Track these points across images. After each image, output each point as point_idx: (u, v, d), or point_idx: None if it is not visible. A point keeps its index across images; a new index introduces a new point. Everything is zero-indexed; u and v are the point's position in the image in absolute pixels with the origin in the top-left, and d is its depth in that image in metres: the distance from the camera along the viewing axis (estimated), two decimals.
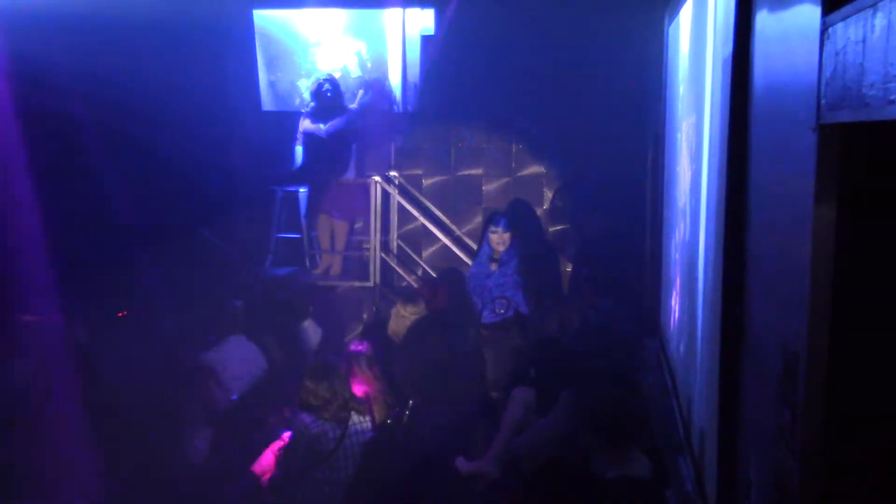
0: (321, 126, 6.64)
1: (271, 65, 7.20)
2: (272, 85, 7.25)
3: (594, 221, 6.63)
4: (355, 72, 7.20)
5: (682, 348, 3.98)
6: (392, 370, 4.78)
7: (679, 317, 4.12)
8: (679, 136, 4.43)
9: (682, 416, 3.80)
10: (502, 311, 5.17)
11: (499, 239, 5.25)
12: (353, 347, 5.00)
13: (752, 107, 2.61)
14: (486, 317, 5.21)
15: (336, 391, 4.28)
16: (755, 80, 2.59)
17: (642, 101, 6.33)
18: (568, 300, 5.93)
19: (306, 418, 4.27)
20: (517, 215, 6.14)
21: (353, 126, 6.72)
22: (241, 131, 7.15)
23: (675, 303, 4.36)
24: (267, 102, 7.21)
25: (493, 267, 5.27)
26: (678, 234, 4.33)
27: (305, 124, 6.76)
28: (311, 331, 5.95)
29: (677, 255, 4.38)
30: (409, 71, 7.00)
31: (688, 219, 3.90)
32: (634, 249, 6.24)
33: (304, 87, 7.15)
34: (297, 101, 7.23)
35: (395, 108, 7.15)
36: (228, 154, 7.04)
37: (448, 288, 5.61)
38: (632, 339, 5.22)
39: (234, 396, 5.04)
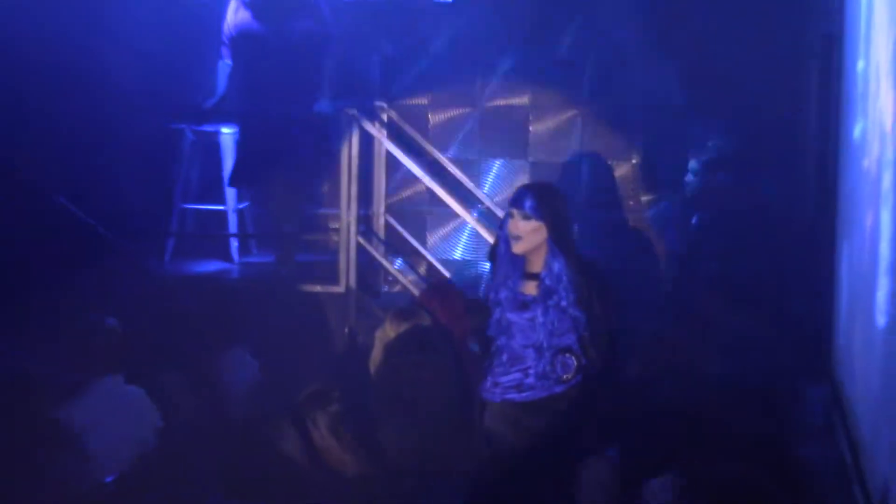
0: (270, 24, 6.73)
1: None
2: None
3: (717, 187, 6.69)
4: None
5: (875, 399, 3.97)
6: (378, 433, 4.82)
7: (880, 349, 4.04)
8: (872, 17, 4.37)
9: None
10: (569, 377, 4.95)
11: (514, 229, 4.96)
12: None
13: None
14: (537, 386, 4.96)
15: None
16: None
17: None
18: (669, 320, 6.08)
19: None
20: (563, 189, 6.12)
21: (328, 30, 6.83)
22: (122, 31, 7.17)
23: (864, 325, 4.40)
24: None
25: (530, 289, 5.01)
26: (872, 209, 4.17)
27: (240, 17, 6.86)
28: (241, 367, 6.05)
29: (874, 244, 4.20)
30: None
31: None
32: (789, 234, 6.24)
33: None
34: None
35: None
36: (102, 69, 7.01)
37: (469, 295, 5.71)
38: (783, 383, 5.26)
39: (109, 478, 5.05)
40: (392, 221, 7.22)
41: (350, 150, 6.72)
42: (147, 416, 5.38)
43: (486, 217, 7.12)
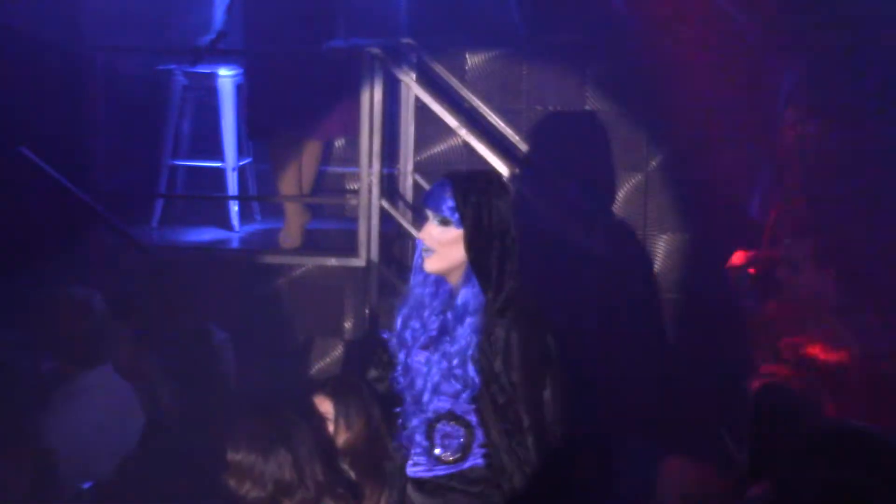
0: None
1: None
2: None
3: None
4: None
5: None
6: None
7: None
8: None
9: None
10: (450, 456, 4.29)
11: (425, 236, 4.32)
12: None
13: None
14: (420, 460, 4.39)
15: (302, 470, 4.28)
16: None
17: None
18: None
19: None
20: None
21: None
22: None
23: None
24: None
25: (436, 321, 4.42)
26: None
27: None
28: (241, 355, 6.09)
29: None
30: None
31: None
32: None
33: None
34: None
35: None
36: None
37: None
38: None
39: (87, 483, 5.06)
40: (422, 182, 7.07)
41: (372, 96, 6.65)
42: (133, 414, 5.35)
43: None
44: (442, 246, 4.22)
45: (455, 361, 4.16)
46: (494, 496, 4.21)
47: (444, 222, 4.22)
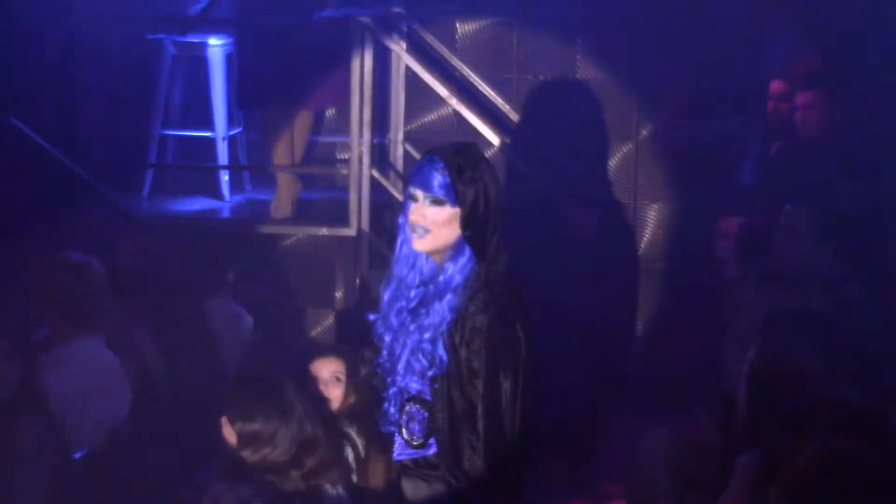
0: None
1: None
2: None
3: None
4: None
5: None
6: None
7: None
8: None
9: None
10: (415, 440, 4.13)
11: (417, 216, 4.04)
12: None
13: None
14: (396, 440, 4.25)
15: (304, 434, 4.32)
16: None
17: None
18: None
19: (229, 495, 4.21)
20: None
21: None
22: None
23: None
24: None
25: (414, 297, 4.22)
26: None
27: None
28: (233, 325, 6.04)
29: None
30: None
31: None
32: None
33: None
34: None
35: None
36: None
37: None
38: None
39: (79, 453, 5.07)
40: (412, 151, 7.03)
41: (363, 66, 6.60)
42: (121, 387, 5.33)
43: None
44: (437, 226, 3.96)
45: (427, 335, 3.97)
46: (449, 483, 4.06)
47: (438, 202, 3.97)
